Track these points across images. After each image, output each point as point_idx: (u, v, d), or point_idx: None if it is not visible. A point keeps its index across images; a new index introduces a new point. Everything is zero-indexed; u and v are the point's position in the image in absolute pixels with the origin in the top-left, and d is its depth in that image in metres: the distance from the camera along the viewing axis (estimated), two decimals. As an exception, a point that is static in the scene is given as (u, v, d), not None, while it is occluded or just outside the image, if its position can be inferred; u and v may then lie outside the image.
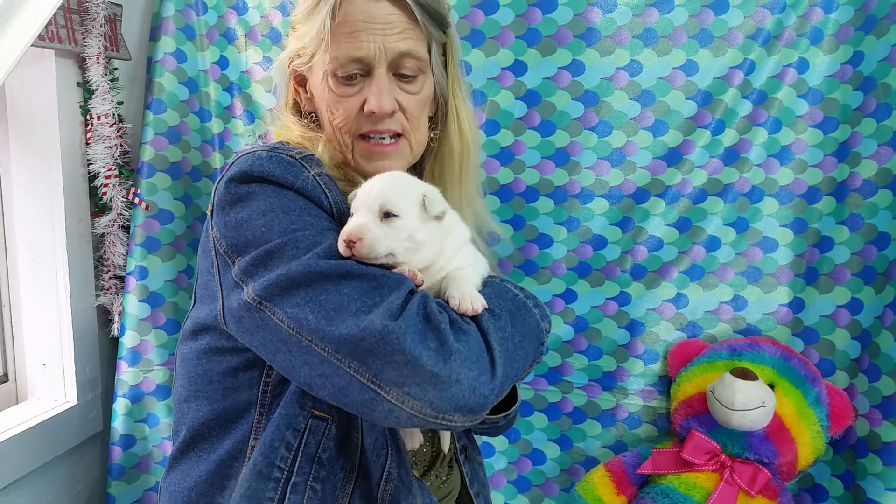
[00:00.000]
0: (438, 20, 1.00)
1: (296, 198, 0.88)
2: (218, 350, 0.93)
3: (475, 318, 0.85)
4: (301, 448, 0.89)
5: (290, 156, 0.90)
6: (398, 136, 1.00)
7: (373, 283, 0.81)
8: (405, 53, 0.95)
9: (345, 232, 0.83)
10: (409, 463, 0.98)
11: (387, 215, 0.85)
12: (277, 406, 0.91)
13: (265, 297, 0.81)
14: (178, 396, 0.99)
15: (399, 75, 0.97)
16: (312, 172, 0.90)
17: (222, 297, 0.88)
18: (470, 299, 0.86)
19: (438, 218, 0.89)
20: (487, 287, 0.93)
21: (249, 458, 0.91)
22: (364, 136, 0.99)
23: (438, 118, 1.09)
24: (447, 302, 0.86)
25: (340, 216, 0.91)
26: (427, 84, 1.01)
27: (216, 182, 0.92)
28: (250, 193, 0.87)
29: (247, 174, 0.87)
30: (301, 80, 1.04)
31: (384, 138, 0.99)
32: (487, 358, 0.82)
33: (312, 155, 0.94)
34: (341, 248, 0.83)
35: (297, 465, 0.88)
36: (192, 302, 1.00)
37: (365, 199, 0.86)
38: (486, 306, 0.87)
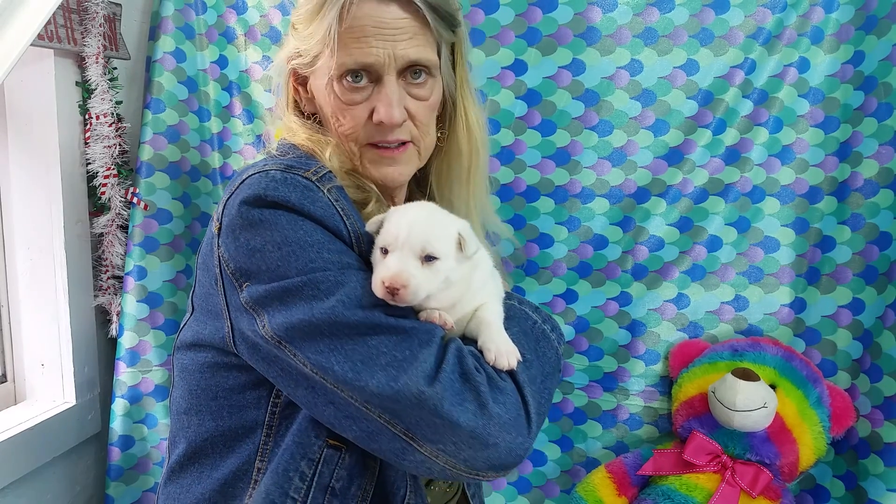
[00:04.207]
0: (449, 21, 0.96)
1: (314, 229, 0.83)
2: (224, 366, 0.90)
3: (510, 371, 0.84)
4: (315, 478, 0.86)
5: (304, 177, 0.85)
6: (406, 142, 0.97)
7: (402, 335, 0.79)
8: (415, 62, 0.92)
9: (386, 278, 0.80)
10: (425, 495, 0.97)
11: (428, 258, 0.83)
12: (286, 428, 0.88)
13: (285, 338, 0.79)
14: (178, 407, 0.96)
15: (408, 80, 0.94)
16: (330, 196, 0.86)
17: (230, 319, 0.86)
18: (506, 355, 0.84)
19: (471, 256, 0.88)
20: (510, 320, 0.91)
21: (256, 480, 0.88)
22: (372, 143, 0.96)
23: (446, 118, 1.06)
24: (480, 351, 0.85)
25: (359, 244, 0.87)
26: (437, 88, 0.98)
27: (225, 199, 0.87)
28: (263, 221, 0.82)
29: (261, 198, 0.82)
30: (301, 80, 1.00)
31: (391, 145, 0.96)
32: (524, 416, 0.81)
33: (329, 172, 0.89)
34: (380, 292, 0.80)
35: (310, 495, 0.86)
36: (191, 308, 0.96)
37: (405, 239, 0.82)
38: (521, 359, 0.85)
